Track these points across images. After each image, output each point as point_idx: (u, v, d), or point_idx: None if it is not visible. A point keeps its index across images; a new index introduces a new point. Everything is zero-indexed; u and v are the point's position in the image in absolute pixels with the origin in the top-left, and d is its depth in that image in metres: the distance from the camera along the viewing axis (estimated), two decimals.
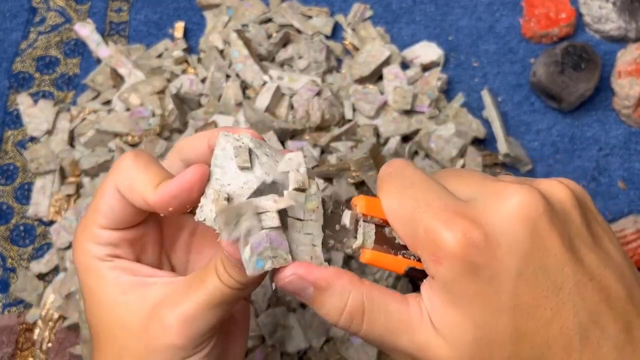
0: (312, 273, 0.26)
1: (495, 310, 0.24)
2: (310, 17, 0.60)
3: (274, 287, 0.27)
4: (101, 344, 0.29)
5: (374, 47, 0.55)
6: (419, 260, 0.27)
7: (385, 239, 0.28)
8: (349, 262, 0.47)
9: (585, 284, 0.25)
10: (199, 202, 0.26)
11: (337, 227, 0.28)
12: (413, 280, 0.29)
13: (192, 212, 0.27)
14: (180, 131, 0.52)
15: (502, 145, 0.53)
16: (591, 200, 0.27)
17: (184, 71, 0.56)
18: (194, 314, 0.27)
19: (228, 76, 0.54)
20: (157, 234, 0.31)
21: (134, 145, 0.51)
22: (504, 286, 0.24)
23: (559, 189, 0.26)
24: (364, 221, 0.27)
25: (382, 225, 0.28)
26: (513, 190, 0.25)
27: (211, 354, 0.29)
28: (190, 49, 0.59)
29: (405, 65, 0.57)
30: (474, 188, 0.26)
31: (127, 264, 0.29)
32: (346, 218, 0.28)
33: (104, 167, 0.50)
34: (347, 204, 0.28)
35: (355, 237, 0.28)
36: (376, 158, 0.49)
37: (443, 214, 0.24)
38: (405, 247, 0.27)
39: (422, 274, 0.27)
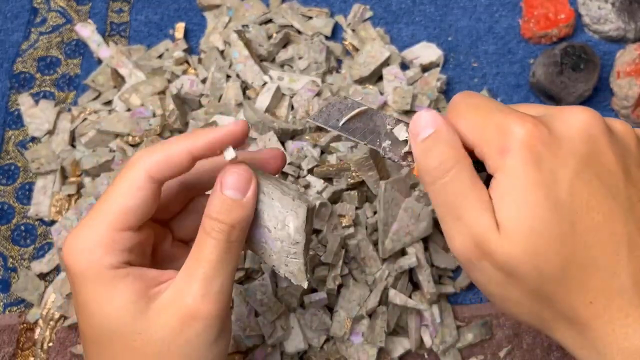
0: (438, 119, 0.29)
1: (553, 203, 0.25)
2: (310, 17, 0.60)
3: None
4: (104, 356, 0.29)
5: (373, 47, 0.55)
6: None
7: None
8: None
9: (635, 202, 0.27)
10: None
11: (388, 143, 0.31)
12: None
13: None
14: (181, 131, 0.52)
15: None
16: None
17: (185, 72, 0.56)
18: (210, 282, 0.28)
19: (228, 76, 0.55)
20: (149, 240, 0.32)
21: (134, 146, 0.51)
22: (563, 181, 0.26)
23: (622, 124, 0.28)
24: None
25: None
26: (578, 110, 0.27)
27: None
28: (190, 50, 0.59)
29: (405, 66, 0.57)
30: (539, 110, 0.29)
31: (137, 270, 0.29)
32: (400, 131, 0.31)
33: (105, 167, 0.51)
34: (402, 120, 0.31)
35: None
36: (376, 158, 0.49)
37: (515, 114, 0.27)
38: None
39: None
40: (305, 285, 0.31)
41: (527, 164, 0.25)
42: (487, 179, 0.28)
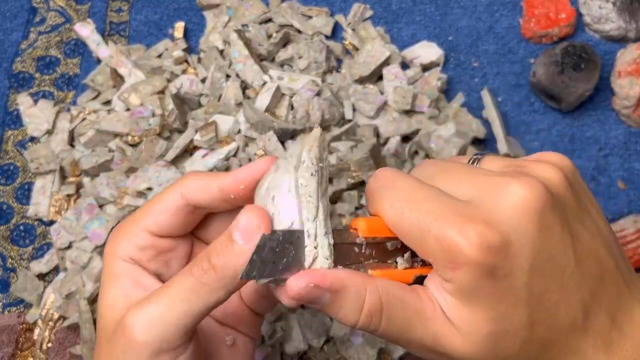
0: (327, 278, 0.25)
1: (511, 304, 0.24)
2: (310, 17, 0.60)
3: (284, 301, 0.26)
4: (98, 339, 0.29)
5: (374, 47, 0.55)
6: (424, 265, 0.27)
7: (388, 253, 0.28)
8: None
9: (584, 262, 0.26)
10: None
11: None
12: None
13: None
14: (181, 131, 0.52)
15: (502, 145, 0.53)
16: (577, 170, 0.28)
17: (184, 71, 0.56)
18: (159, 311, 0.26)
19: (228, 76, 0.54)
20: (185, 253, 0.32)
21: (134, 145, 0.51)
22: (519, 281, 0.24)
23: (553, 173, 0.26)
24: (367, 243, 0.27)
25: (382, 242, 0.27)
26: (514, 185, 0.25)
27: None
28: (190, 49, 0.59)
29: (405, 65, 0.57)
30: (468, 185, 0.26)
31: (139, 272, 0.30)
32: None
33: (104, 166, 0.50)
34: (347, 231, 0.27)
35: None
36: (376, 158, 0.49)
37: (452, 221, 0.24)
38: (409, 259, 0.28)
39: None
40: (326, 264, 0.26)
41: (481, 279, 0.24)
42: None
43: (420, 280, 0.27)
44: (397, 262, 0.28)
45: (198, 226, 0.32)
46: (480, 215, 0.24)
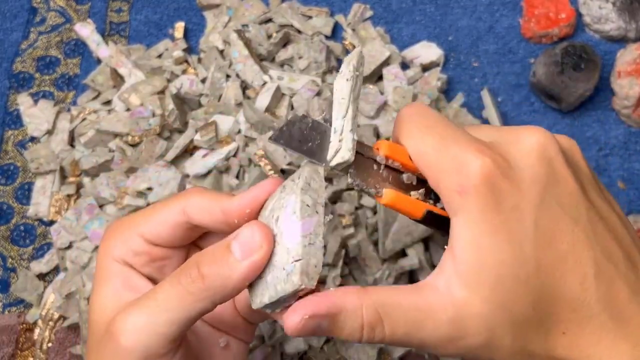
0: (322, 305, 0.25)
1: (519, 241, 0.24)
2: (310, 17, 0.60)
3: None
4: (89, 338, 0.29)
5: (374, 47, 0.55)
6: (436, 205, 0.28)
7: (403, 186, 0.28)
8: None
9: (597, 222, 0.26)
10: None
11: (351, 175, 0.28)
12: (427, 237, 0.30)
13: None
14: (181, 131, 0.52)
15: None
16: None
17: (184, 71, 0.56)
18: (144, 320, 0.26)
19: (228, 76, 0.55)
20: (180, 261, 0.31)
21: (134, 145, 0.51)
22: (526, 216, 0.24)
23: (567, 139, 0.28)
24: (385, 165, 0.28)
25: (400, 171, 0.28)
26: (531, 131, 0.26)
27: None
28: (190, 49, 0.59)
29: (405, 66, 0.57)
30: (491, 133, 0.27)
31: (131, 274, 0.29)
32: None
33: (104, 167, 0.50)
34: (370, 147, 0.28)
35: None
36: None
37: (471, 146, 0.25)
38: (423, 194, 0.28)
39: (439, 220, 0.28)
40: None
41: (488, 205, 0.24)
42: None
43: (431, 218, 0.27)
44: (410, 195, 0.28)
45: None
46: (498, 150, 0.25)
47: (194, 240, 0.31)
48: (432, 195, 0.28)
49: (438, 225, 0.28)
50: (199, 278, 0.25)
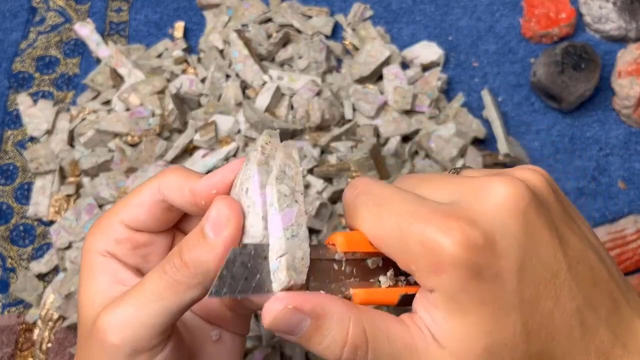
0: (308, 301, 0.23)
1: (504, 311, 0.23)
2: (310, 17, 0.60)
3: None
4: (78, 335, 0.29)
5: (374, 47, 0.55)
6: (408, 284, 0.26)
7: (369, 273, 0.26)
8: None
9: (576, 267, 0.24)
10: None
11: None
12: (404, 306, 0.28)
13: None
14: (180, 131, 0.52)
15: (502, 145, 0.53)
16: (555, 183, 0.27)
17: (184, 71, 0.56)
18: (131, 312, 0.25)
19: (228, 76, 0.54)
20: (165, 247, 0.30)
21: (134, 145, 0.51)
22: (509, 283, 0.23)
23: (534, 176, 0.25)
24: (346, 259, 0.25)
25: (362, 259, 0.26)
26: (496, 184, 0.24)
27: None
28: (190, 49, 0.59)
29: (405, 65, 0.57)
30: (449, 189, 0.25)
31: (117, 267, 0.28)
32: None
33: (104, 167, 0.50)
34: (324, 246, 0.26)
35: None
36: (376, 158, 0.49)
37: (434, 220, 0.23)
38: (392, 277, 0.26)
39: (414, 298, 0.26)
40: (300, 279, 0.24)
41: (468, 280, 0.22)
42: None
43: (406, 300, 0.26)
44: (380, 282, 0.26)
45: (180, 218, 0.30)
46: (464, 214, 0.23)
47: (178, 224, 0.31)
48: (401, 271, 0.26)
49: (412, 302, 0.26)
50: (182, 266, 0.25)
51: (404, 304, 0.26)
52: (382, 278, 0.26)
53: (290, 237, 0.24)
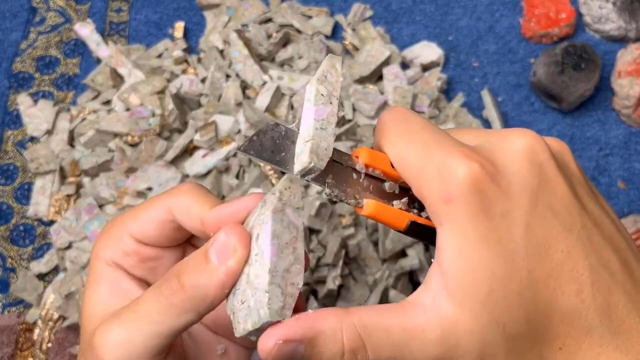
0: (297, 329, 0.23)
1: (510, 251, 0.23)
2: (310, 17, 0.60)
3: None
4: (80, 345, 0.29)
5: (374, 47, 0.55)
6: (421, 215, 0.27)
7: (385, 196, 0.27)
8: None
9: (591, 229, 0.24)
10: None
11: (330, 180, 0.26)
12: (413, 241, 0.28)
13: None
14: (180, 131, 0.52)
15: None
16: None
17: (184, 71, 0.56)
18: (126, 334, 0.25)
19: (228, 76, 0.54)
20: (174, 261, 0.30)
21: (134, 145, 0.51)
22: (517, 224, 0.23)
23: (558, 142, 0.26)
24: (365, 174, 0.26)
25: (381, 180, 0.27)
26: (519, 134, 0.25)
27: None
28: (190, 49, 0.59)
29: (405, 65, 0.57)
30: (476, 136, 0.26)
31: (121, 277, 0.28)
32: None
33: (104, 167, 0.50)
34: (349, 155, 0.27)
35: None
36: None
37: (455, 152, 0.23)
38: (406, 203, 0.27)
39: (424, 230, 0.26)
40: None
41: (476, 213, 0.23)
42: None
43: (414, 230, 0.26)
44: (392, 205, 0.27)
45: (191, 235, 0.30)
46: (484, 153, 0.24)
47: (189, 239, 0.30)
48: (416, 205, 0.27)
49: (423, 236, 0.27)
50: (179, 288, 0.24)
51: (412, 234, 0.27)
52: (395, 202, 0.27)
53: (320, 128, 0.25)
